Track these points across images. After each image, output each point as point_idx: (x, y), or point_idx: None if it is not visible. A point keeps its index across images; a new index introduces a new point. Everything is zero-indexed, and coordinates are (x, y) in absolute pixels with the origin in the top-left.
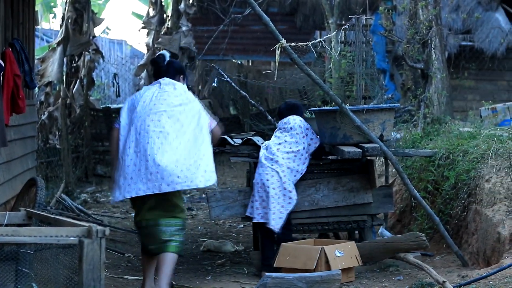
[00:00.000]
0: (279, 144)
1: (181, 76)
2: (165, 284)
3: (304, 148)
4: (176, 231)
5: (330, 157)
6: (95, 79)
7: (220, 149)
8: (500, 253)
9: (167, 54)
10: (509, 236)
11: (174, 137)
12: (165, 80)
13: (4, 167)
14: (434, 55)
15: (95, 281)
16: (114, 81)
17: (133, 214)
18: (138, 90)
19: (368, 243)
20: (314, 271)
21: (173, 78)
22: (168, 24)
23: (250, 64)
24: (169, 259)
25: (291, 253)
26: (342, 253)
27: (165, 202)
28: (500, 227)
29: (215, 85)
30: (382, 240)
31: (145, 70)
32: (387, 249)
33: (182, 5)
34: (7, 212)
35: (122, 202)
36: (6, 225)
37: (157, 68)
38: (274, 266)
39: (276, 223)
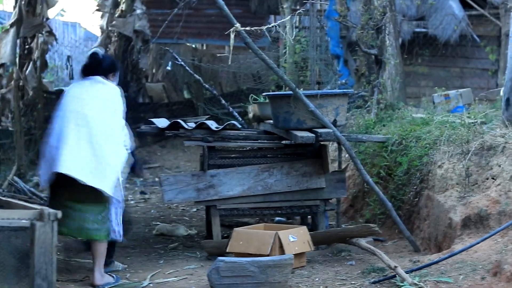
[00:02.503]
0: None
1: (112, 73)
2: None
3: None
4: None
5: (283, 141)
6: (48, 61)
7: (174, 132)
8: (452, 239)
9: (100, 52)
10: (461, 222)
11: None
12: (96, 78)
13: None
14: (388, 41)
15: (47, 264)
16: (68, 63)
17: None
18: None
19: (321, 232)
20: (268, 256)
21: (105, 76)
22: (122, 7)
23: (204, 48)
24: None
25: (244, 238)
26: (296, 238)
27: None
28: (452, 213)
29: (169, 68)
30: (335, 230)
31: None
32: (339, 238)
33: None
34: None
35: None
36: None
37: (89, 65)
38: (226, 251)
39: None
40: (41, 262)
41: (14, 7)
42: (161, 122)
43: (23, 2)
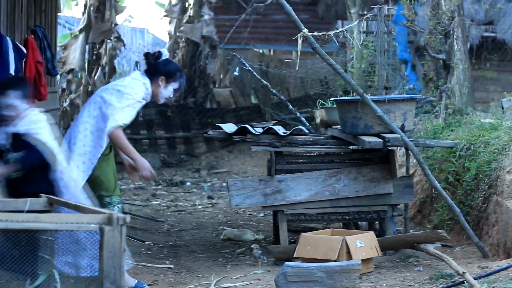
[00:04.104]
0: None
1: (162, 77)
2: None
3: None
4: None
5: (351, 147)
6: (116, 67)
7: (241, 138)
8: None
9: (165, 54)
10: None
11: None
12: (135, 73)
13: None
14: (456, 46)
15: (116, 268)
16: (136, 69)
17: (154, 202)
18: None
19: (388, 238)
20: (335, 261)
21: (151, 77)
22: (190, 13)
23: (271, 53)
24: None
25: (312, 243)
26: (363, 244)
27: None
28: None
29: (237, 74)
30: (403, 235)
31: None
32: (407, 244)
33: None
34: (28, 199)
35: (142, 190)
36: (27, 212)
37: (146, 62)
38: (294, 256)
39: None
40: (110, 266)
41: (83, 13)
42: (229, 127)
43: (92, 8)
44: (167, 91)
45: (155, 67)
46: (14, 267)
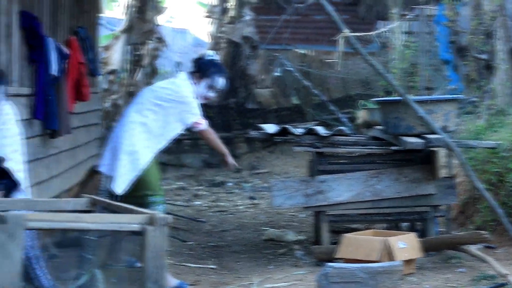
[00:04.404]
0: None
1: (198, 74)
2: None
3: None
4: None
5: (392, 147)
6: (158, 67)
7: (283, 138)
8: None
9: (211, 55)
10: None
11: None
12: (181, 74)
13: (69, 154)
14: (498, 46)
15: (158, 269)
16: (177, 69)
17: (196, 202)
18: None
19: (430, 239)
20: (377, 262)
21: (191, 75)
22: (231, 13)
23: (313, 53)
24: None
25: (353, 244)
26: (405, 245)
27: None
28: None
29: (278, 74)
30: (445, 236)
31: None
32: (449, 245)
33: None
34: (71, 199)
35: (184, 190)
36: (70, 212)
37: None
38: (335, 257)
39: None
40: (152, 266)
41: (125, 14)
42: (270, 128)
43: (133, 9)
44: (201, 87)
45: (195, 67)
46: (57, 266)
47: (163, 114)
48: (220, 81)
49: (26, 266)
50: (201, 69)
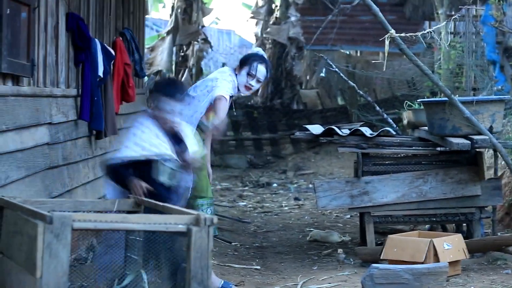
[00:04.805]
0: None
1: (239, 66)
2: None
3: None
4: None
5: (438, 148)
6: (203, 68)
7: (328, 139)
8: None
9: (258, 51)
10: None
11: None
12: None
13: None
14: None
15: (203, 269)
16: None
17: (241, 203)
18: None
19: (476, 240)
20: (422, 263)
21: (234, 69)
22: (276, 14)
23: (358, 54)
24: None
25: (398, 245)
26: (450, 246)
27: None
28: None
29: (323, 75)
30: (491, 238)
31: None
32: (495, 246)
33: None
34: (117, 199)
35: (229, 191)
36: (116, 212)
37: None
38: (380, 258)
39: None
40: (197, 267)
41: (171, 15)
42: (315, 129)
43: (179, 10)
44: (241, 76)
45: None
46: (102, 267)
47: (195, 103)
48: (260, 68)
49: None
50: (243, 59)
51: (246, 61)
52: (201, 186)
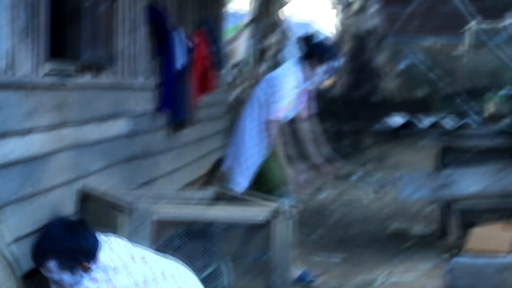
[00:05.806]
0: None
1: (309, 60)
2: None
3: None
4: None
5: None
6: (282, 60)
7: (409, 131)
8: None
9: (319, 36)
10: None
11: None
12: (288, 63)
13: (193, 146)
14: None
15: (283, 261)
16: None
17: (320, 195)
18: None
19: None
20: (505, 257)
21: (299, 62)
22: (356, 5)
23: (438, 46)
24: None
25: (482, 238)
26: None
27: None
28: None
29: (404, 67)
30: None
31: None
32: None
33: None
34: (196, 191)
35: (308, 183)
36: (196, 203)
37: (299, 47)
38: (463, 251)
39: None
40: (277, 259)
41: (250, 7)
42: (396, 121)
43: (258, 2)
44: (315, 74)
45: (305, 51)
46: (183, 258)
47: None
48: (336, 64)
49: None
50: (315, 54)
51: (321, 58)
52: (272, 178)
